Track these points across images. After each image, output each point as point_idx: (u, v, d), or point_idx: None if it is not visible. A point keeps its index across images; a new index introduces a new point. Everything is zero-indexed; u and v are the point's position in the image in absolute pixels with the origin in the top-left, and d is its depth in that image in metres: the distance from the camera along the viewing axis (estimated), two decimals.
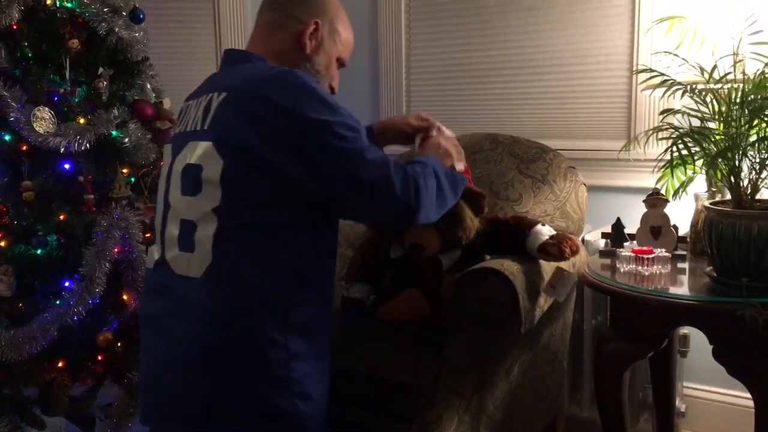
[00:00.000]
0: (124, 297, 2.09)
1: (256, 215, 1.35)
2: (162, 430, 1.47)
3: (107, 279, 1.96)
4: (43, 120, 1.95)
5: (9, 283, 1.93)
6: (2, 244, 1.96)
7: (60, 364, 2.02)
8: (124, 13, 2.14)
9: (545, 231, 1.79)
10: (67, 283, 1.97)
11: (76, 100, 2.07)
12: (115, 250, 2.00)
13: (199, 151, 1.38)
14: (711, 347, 1.60)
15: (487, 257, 1.85)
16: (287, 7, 1.56)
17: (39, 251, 1.97)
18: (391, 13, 2.94)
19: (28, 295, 2.00)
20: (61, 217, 2.00)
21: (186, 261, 1.38)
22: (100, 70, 2.10)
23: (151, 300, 1.49)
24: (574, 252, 1.77)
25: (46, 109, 1.96)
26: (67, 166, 2.03)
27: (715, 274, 1.68)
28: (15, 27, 1.99)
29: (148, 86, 2.21)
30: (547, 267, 1.83)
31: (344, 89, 1.83)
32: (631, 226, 2.00)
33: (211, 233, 1.34)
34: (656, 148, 1.87)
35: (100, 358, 2.07)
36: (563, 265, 1.83)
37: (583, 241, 2.20)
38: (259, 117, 1.33)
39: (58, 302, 1.95)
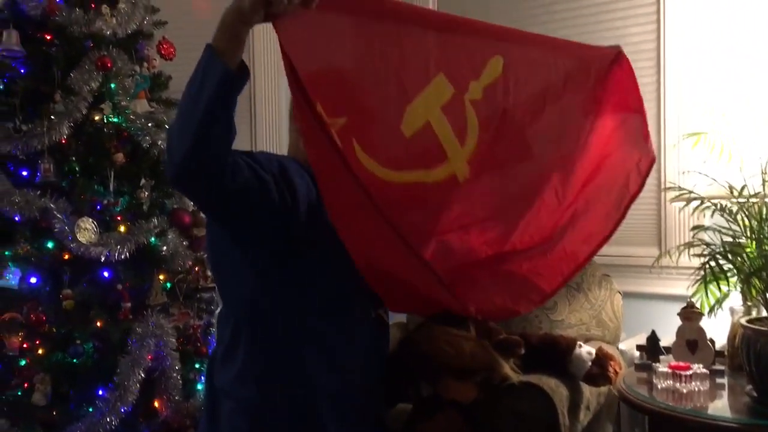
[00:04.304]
0: (156, 404, 2.09)
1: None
2: None
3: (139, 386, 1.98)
4: (86, 230, 2.02)
5: (45, 392, 1.95)
6: (40, 352, 1.99)
7: None
8: (167, 126, 2.22)
9: (585, 356, 1.75)
10: (100, 392, 1.98)
11: (118, 209, 2.14)
12: (149, 357, 2.02)
13: None
14: None
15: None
16: None
17: (75, 360, 2.00)
18: None
19: (63, 403, 2.01)
20: (98, 324, 2.03)
21: None
22: (142, 181, 2.19)
23: None
24: (618, 372, 1.77)
25: (90, 219, 2.03)
26: (106, 274, 2.08)
27: (755, 394, 1.64)
28: (64, 142, 2.08)
29: None
30: None
31: None
32: (666, 336, 1.96)
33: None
34: (689, 259, 1.86)
35: None
36: None
37: None
38: None
39: (91, 410, 1.97)
